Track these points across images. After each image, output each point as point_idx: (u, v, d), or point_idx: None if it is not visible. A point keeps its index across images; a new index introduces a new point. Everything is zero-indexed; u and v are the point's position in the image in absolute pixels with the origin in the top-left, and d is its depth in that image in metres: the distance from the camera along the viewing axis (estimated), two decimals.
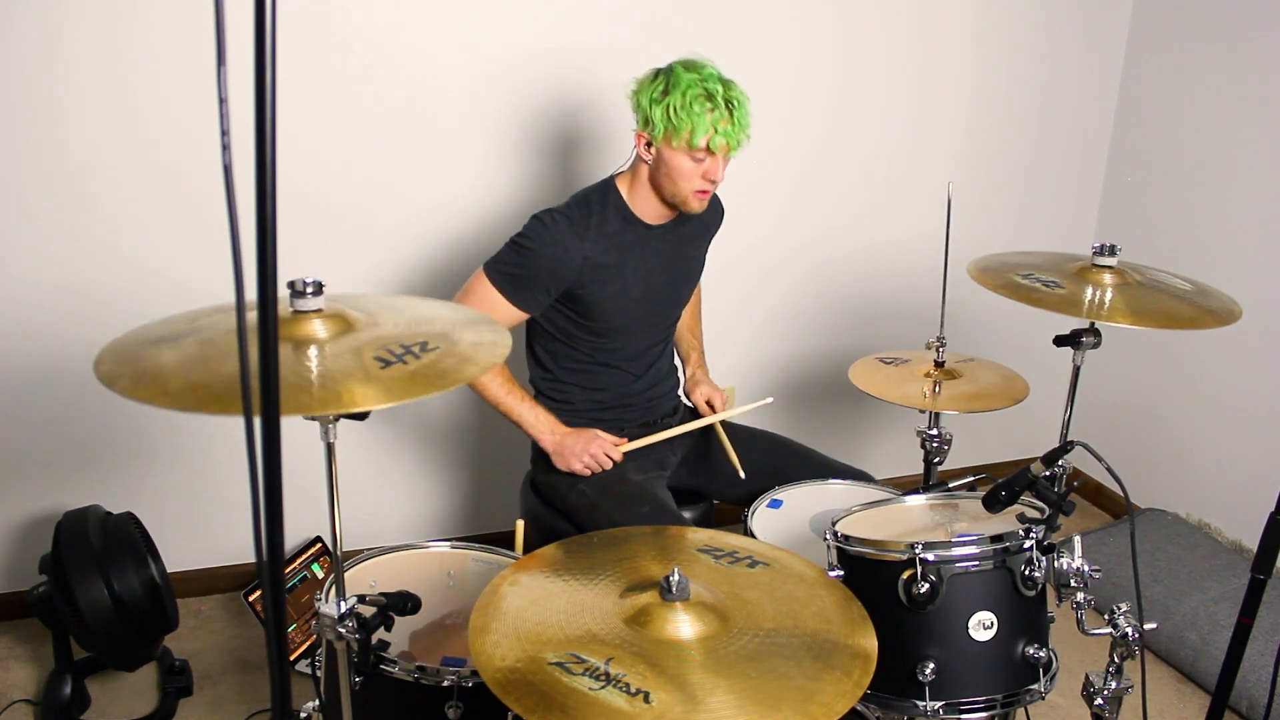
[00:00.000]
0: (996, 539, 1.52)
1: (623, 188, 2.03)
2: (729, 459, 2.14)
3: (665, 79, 1.88)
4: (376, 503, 2.80)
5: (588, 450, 2.02)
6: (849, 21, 2.82)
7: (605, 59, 2.61)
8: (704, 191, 1.95)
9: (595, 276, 1.98)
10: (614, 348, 2.10)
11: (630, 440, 2.10)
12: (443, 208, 2.62)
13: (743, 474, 2.11)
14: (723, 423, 2.22)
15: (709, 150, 1.88)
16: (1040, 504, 1.58)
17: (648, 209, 2.02)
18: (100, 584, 2.10)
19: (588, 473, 2.03)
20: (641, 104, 1.91)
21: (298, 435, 1.01)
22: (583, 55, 2.60)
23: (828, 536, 1.58)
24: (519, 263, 1.97)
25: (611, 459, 2.04)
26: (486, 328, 1.36)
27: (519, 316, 2.01)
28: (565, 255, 1.94)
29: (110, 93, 2.30)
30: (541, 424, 2.06)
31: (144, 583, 2.19)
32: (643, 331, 2.13)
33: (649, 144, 1.93)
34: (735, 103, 1.87)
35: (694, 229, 2.14)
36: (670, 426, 2.21)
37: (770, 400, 2.23)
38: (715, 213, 2.22)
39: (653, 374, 2.19)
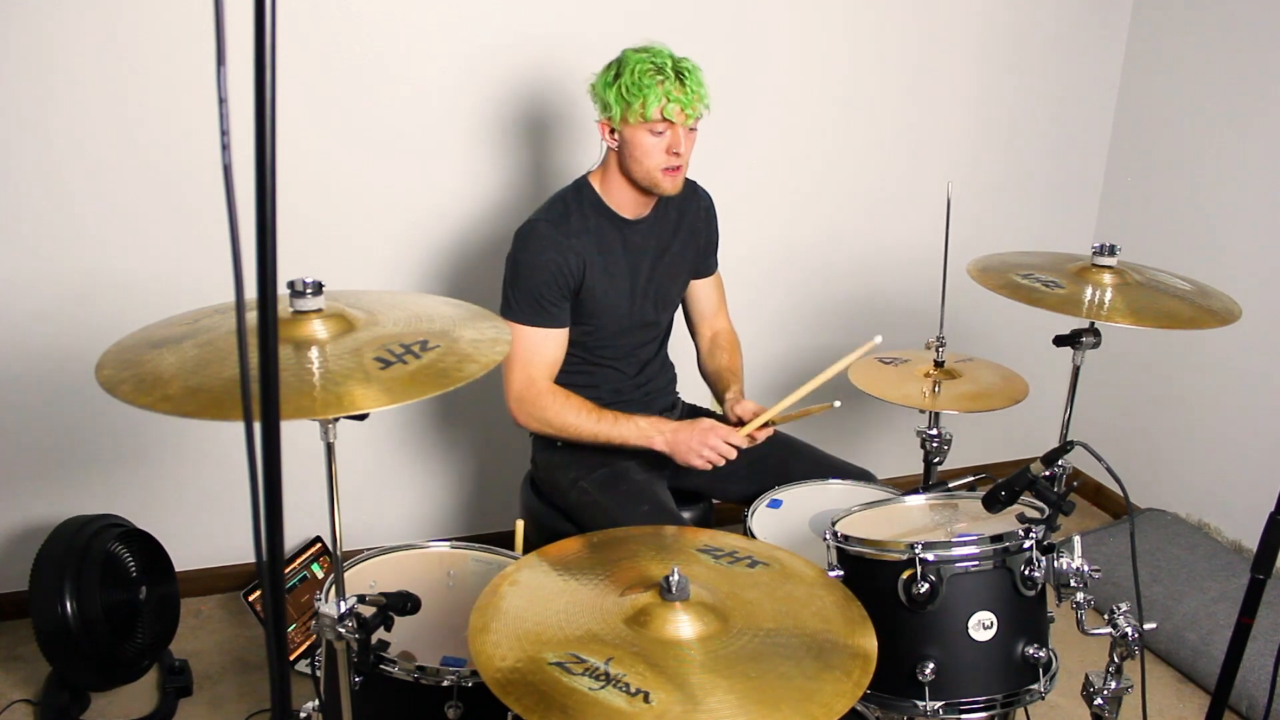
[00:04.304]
0: (996, 539, 1.52)
1: (596, 183, 2.05)
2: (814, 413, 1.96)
3: (616, 64, 1.93)
4: (376, 503, 2.80)
5: (705, 444, 1.94)
6: (847, 22, 2.82)
7: (602, 54, 2.61)
8: (672, 169, 1.95)
9: (589, 272, 1.99)
10: (606, 345, 2.10)
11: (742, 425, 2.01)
12: (442, 209, 2.63)
13: (837, 403, 1.91)
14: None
15: (666, 120, 1.90)
16: (1040, 504, 1.58)
17: (623, 201, 2.03)
18: (54, 600, 2.10)
19: (709, 466, 1.94)
20: (598, 92, 1.95)
21: (298, 435, 1.01)
22: (582, 51, 2.60)
23: (827, 536, 1.58)
24: (525, 285, 1.95)
25: (734, 445, 1.95)
26: (486, 324, 1.36)
27: (563, 336, 2.00)
28: (561, 256, 1.95)
29: (103, 92, 2.30)
30: (647, 431, 1.98)
31: (112, 606, 2.18)
32: (633, 330, 2.12)
33: (612, 130, 1.95)
34: (686, 72, 1.90)
35: (676, 225, 2.13)
36: (667, 420, 2.20)
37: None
38: (698, 211, 2.19)
39: (647, 371, 2.19)
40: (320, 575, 2.64)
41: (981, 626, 1.50)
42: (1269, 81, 2.70)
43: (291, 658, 2.39)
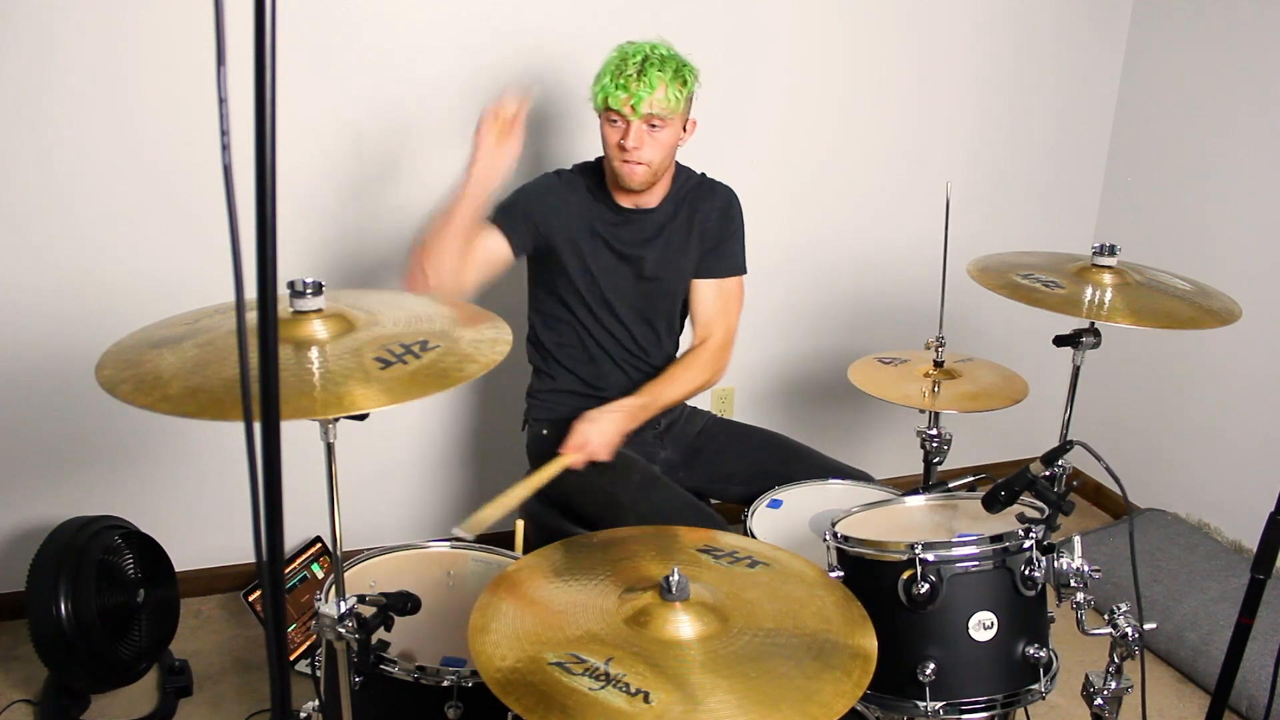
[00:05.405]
0: (996, 539, 1.52)
1: (605, 165, 2.09)
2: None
3: None
4: (376, 503, 2.80)
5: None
6: (847, 21, 2.82)
7: (603, 51, 2.61)
8: (626, 162, 1.97)
9: (553, 241, 2.04)
10: (595, 330, 2.13)
11: None
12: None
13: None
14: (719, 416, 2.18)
15: (615, 111, 1.91)
16: (1040, 504, 1.58)
17: (614, 187, 2.08)
18: (50, 602, 2.10)
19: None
20: None
21: (298, 435, 1.01)
22: (586, 51, 2.60)
23: (827, 537, 1.58)
24: (513, 194, 2.07)
25: None
26: (486, 325, 1.36)
27: (503, 247, 2.00)
28: (537, 202, 2.05)
29: (103, 92, 2.30)
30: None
31: (109, 609, 2.18)
32: (620, 318, 2.13)
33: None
34: (649, 64, 1.88)
35: (684, 223, 2.12)
36: (666, 418, 2.22)
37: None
38: (710, 210, 2.16)
39: (643, 359, 2.20)
40: (320, 575, 2.64)
41: (982, 626, 1.50)
42: (1269, 81, 2.70)
43: (291, 658, 2.39)
